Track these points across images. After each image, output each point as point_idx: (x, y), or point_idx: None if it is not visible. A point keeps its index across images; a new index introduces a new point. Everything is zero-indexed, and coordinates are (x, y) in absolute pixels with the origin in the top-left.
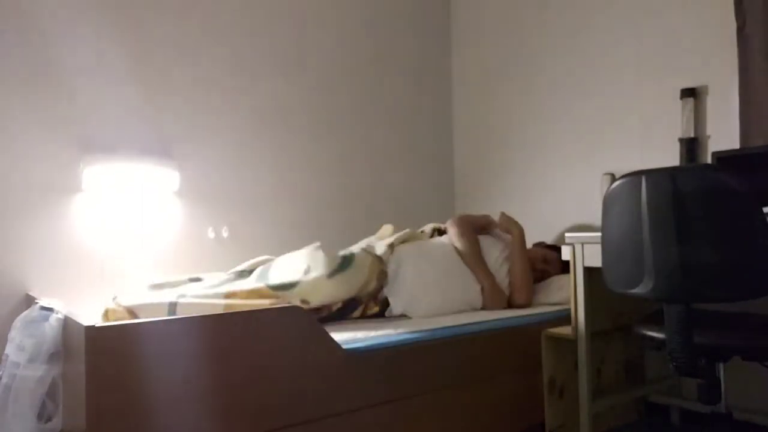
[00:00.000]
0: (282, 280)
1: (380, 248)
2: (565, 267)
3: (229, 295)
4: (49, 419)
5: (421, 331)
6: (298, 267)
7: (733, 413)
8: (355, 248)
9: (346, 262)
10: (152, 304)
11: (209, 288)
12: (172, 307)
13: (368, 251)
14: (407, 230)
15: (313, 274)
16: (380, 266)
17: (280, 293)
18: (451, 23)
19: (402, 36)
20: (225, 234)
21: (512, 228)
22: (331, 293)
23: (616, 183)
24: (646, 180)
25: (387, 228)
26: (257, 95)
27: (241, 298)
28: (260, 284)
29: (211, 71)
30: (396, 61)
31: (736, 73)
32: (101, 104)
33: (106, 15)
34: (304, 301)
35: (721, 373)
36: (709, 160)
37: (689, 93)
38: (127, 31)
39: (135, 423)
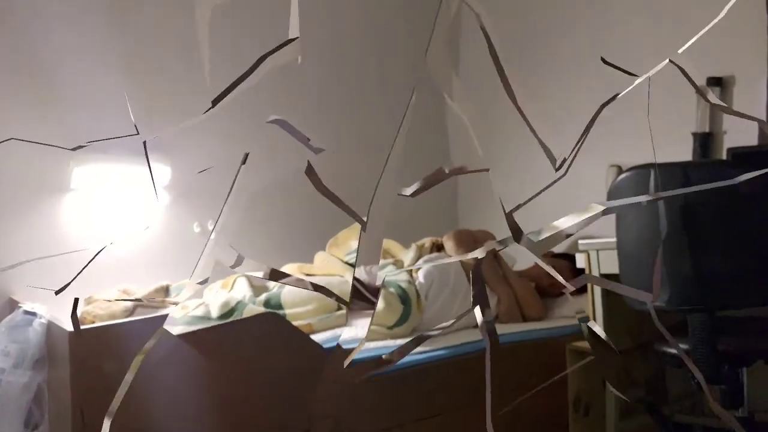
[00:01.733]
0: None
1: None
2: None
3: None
4: (35, 427)
5: (434, 350)
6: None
7: (755, 415)
8: (405, 285)
9: (405, 314)
10: None
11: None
12: None
13: (416, 289)
14: (415, 253)
15: (374, 326)
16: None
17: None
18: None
19: (401, 35)
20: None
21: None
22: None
23: (623, 176)
24: (655, 173)
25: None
26: (251, 93)
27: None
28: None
29: (205, 68)
30: (395, 60)
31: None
32: (91, 102)
33: (98, 11)
34: None
35: (744, 377)
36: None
37: (715, 82)
38: (119, 28)
39: (122, 429)
